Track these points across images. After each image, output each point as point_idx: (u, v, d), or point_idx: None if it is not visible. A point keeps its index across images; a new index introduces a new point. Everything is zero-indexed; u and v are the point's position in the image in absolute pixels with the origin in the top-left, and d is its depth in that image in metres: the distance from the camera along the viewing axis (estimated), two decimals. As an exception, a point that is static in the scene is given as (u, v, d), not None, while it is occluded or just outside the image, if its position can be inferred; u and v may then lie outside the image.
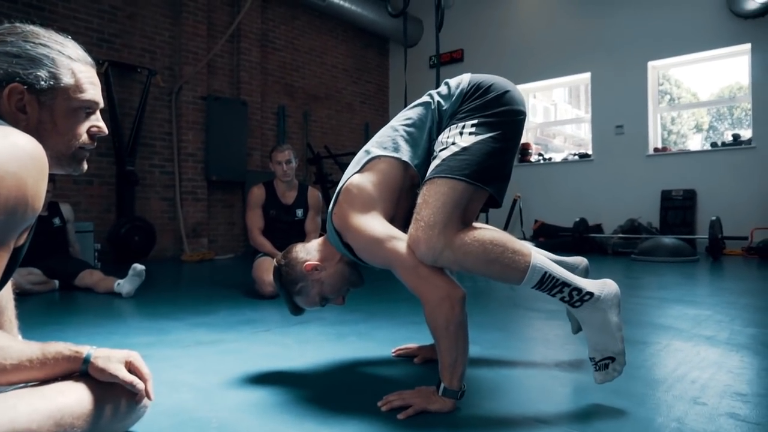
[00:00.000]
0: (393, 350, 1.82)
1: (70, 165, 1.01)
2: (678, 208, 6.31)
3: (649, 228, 6.26)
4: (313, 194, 3.53)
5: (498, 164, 1.34)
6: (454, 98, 1.43)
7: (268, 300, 3.02)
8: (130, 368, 1.05)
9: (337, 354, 1.84)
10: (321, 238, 1.56)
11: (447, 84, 1.48)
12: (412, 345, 1.82)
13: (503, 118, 1.36)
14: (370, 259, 1.38)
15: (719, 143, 6.43)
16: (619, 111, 6.84)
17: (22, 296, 3.04)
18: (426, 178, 1.33)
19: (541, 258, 1.27)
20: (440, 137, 1.39)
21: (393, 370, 1.66)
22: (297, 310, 1.57)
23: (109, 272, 3.52)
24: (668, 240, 5.45)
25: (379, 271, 1.53)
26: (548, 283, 1.25)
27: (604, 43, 6.91)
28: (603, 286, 1.30)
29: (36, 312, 2.75)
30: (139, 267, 3.15)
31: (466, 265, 1.26)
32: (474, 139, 1.32)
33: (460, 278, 3.56)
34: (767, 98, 5.88)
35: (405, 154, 1.42)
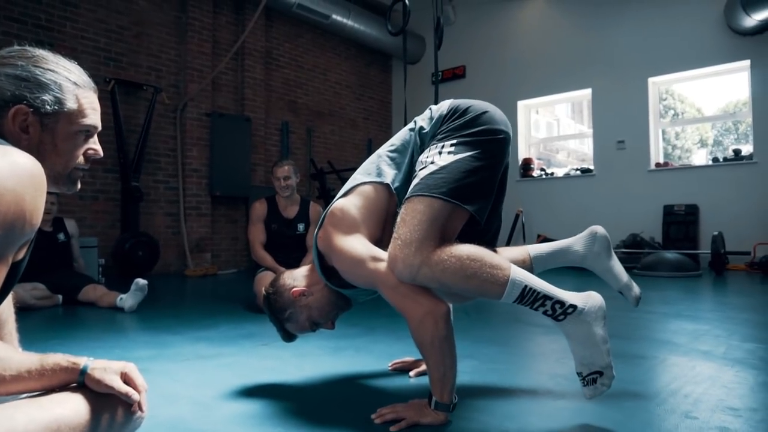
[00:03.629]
0: (389, 364, 1.84)
1: (65, 184, 1.04)
2: (680, 222, 6.30)
3: (651, 243, 6.25)
4: (315, 209, 3.56)
5: (476, 182, 1.34)
6: (434, 121, 1.47)
7: (269, 314, 3.03)
8: (126, 379, 1.07)
9: (333, 367, 1.85)
10: (309, 265, 1.58)
11: (430, 109, 1.52)
12: (409, 358, 1.83)
13: (482, 137, 1.38)
14: (354, 279, 1.40)
15: (721, 158, 6.45)
16: (620, 126, 6.87)
17: (25, 311, 3.08)
18: (405, 198, 1.36)
19: (522, 272, 1.27)
20: (420, 157, 1.42)
21: (388, 384, 1.68)
22: (289, 337, 1.59)
23: (113, 287, 3.55)
24: (671, 255, 5.44)
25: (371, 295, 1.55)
26: (529, 297, 1.25)
27: (605, 59, 6.98)
28: (587, 299, 1.29)
29: (39, 326, 2.78)
30: (141, 282, 3.19)
31: (444, 281, 1.26)
32: (452, 158, 1.34)
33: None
34: (767, 113, 5.90)
35: (387, 177, 1.46)
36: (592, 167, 7.23)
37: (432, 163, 1.36)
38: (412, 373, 1.74)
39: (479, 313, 3.22)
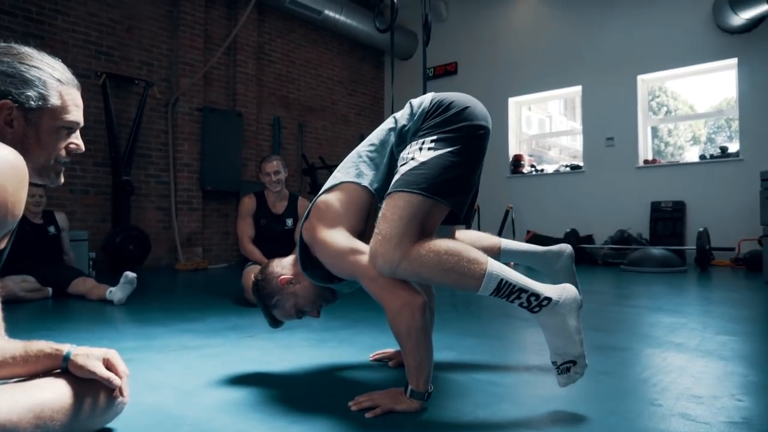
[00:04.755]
0: (371, 355, 1.88)
1: (48, 176, 1.08)
2: (667, 219, 6.38)
3: (638, 239, 6.33)
4: (303, 204, 3.60)
5: (456, 178, 1.38)
6: (416, 117, 1.50)
7: (257, 307, 3.07)
8: (108, 365, 1.12)
9: (316, 358, 1.90)
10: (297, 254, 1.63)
11: (410, 104, 1.55)
12: (389, 350, 1.88)
13: (463, 133, 1.42)
14: (336, 270, 1.45)
15: (708, 156, 6.53)
16: (609, 123, 6.94)
17: (14, 303, 3.11)
18: (386, 193, 1.40)
19: (498, 265, 1.31)
20: (402, 153, 1.46)
21: (368, 374, 1.72)
22: (275, 323, 1.65)
23: (103, 280, 3.58)
24: (657, 251, 5.52)
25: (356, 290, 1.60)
26: (505, 290, 1.29)
27: (595, 56, 7.03)
28: (562, 291, 1.33)
29: (28, 318, 2.81)
30: (130, 275, 3.22)
31: (423, 275, 1.31)
32: (432, 154, 1.38)
33: (449, 289, 3.63)
34: (753, 111, 5.99)
35: (366, 179, 1.50)
36: (581, 164, 7.29)
37: (412, 159, 1.39)
38: (391, 363, 1.79)
39: (467, 306, 3.28)
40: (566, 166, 7.59)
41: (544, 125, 14.64)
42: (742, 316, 2.82)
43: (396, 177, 1.40)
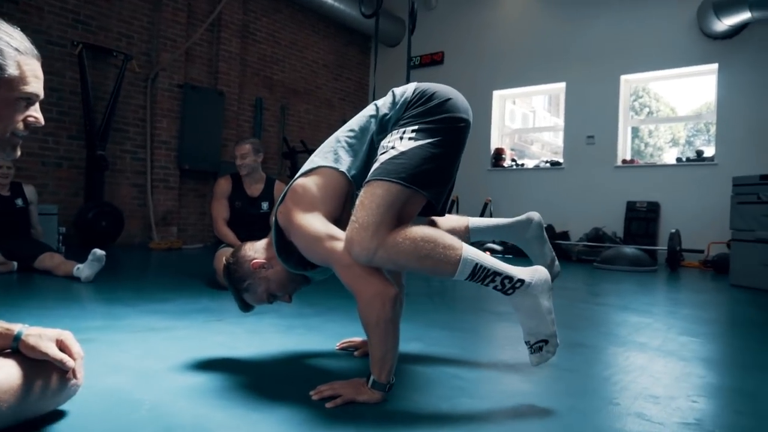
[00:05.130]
0: (337, 344, 1.88)
1: (3, 149, 1.04)
2: (642, 219, 6.49)
3: (613, 237, 6.43)
4: (280, 188, 3.56)
5: (435, 169, 1.39)
6: (398, 106, 1.49)
7: (228, 290, 3.04)
8: (62, 347, 1.09)
9: (283, 345, 1.89)
10: (270, 238, 1.61)
11: (393, 93, 1.54)
12: (357, 339, 1.88)
13: (444, 124, 1.42)
14: (310, 255, 1.43)
15: (684, 158, 6.63)
16: (591, 121, 7.00)
17: (-23, 276, 3.03)
18: (365, 181, 1.39)
19: (473, 251, 1.32)
20: (382, 142, 1.45)
21: (333, 362, 1.72)
22: (246, 307, 1.63)
23: (73, 257, 3.51)
24: (629, 250, 5.61)
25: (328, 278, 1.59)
26: (480, 274, 1.31)
27: (580, 54, 7.07)
28: (534, 273, 1.36)
29: (-10, 292, 2.74)
30: (99, 252, 3.15)
31: (400, 262, 1.31)
32: (412, 144, 1.38)
33: (425, 278, 3.61)
34: (730, 117, 6.09)
35: (344, 164, 1.48)
36: (561, 160, 7.36)
37: (393, 148, 1.39)
38: (357, 353, 1.79)
39: (442, 296, 3.29)
40: (546, 161, 7.65)
41: (527, 120, 14.72)
42: (706, 318, 2.89)
43: (375, 165, 1.39)
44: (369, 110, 1.56)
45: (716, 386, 1.64)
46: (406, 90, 1.51)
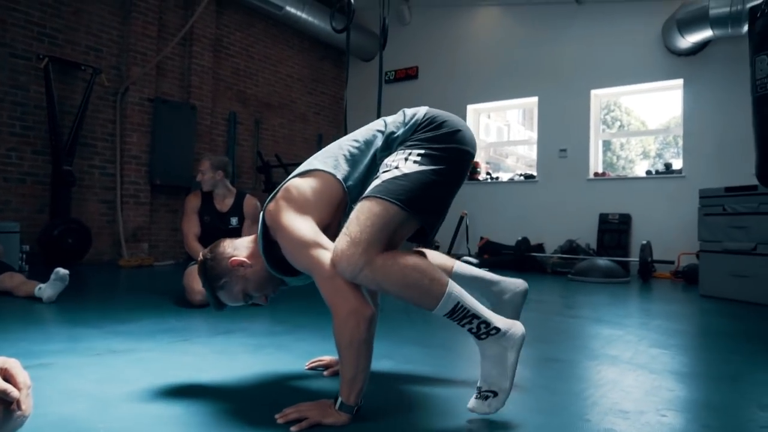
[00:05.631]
0: (307, 363, 1.83)
1: None
2: (614, 231, 6.59)
3: (586, 249, 6.51)
4: (250, 203, 3.52)
5: (433, 197, 1.38)
6: (407, 126, 1.47)
7: (197, 309, 2.97)
8: (6, 376, 1.03)
9: (251, 366, 1.83)
10: (252, 236, 1.56)
11: (404, 112, 1.53)
12: (326, 357, 1.83)
13: (449, 154, 1.41)
14: (293, 260, 1.39)
15: (654, 171, 6.78)
16: (563, 135, 7.11)
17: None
18: (363, 196, 1.36)
19: (459, 290, 1.31)
20: (386, 159, 1.43)
21: (301, 383, 1.67)
22: (219, 305, 1.57)
23: (37, 276, 3.38)
24: (602, 262, 5.68)
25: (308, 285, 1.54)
26: (459, 313, 1.29)
27: (552, 69, 7.20)
28: (511, 326, 1.34)
29: (-56, 315, 2.61)
30: (62, 271, 3.04)
31: (383, 286, 1.29)
32: (416, 168, 1.36)
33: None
34: (696, 131, 6.25)
35: (341, 172, 1.45)
36: (535, 174, 7.44)
37: (396, 168, 1.37)
38: (326, 372, 1.74)
39: (419, 313, 3.26)
40: (521, 175, 7.73)
41: (502, 133, 14.91)
42: (676, 329, 2.92)
43: (376, 182, 1.37)
44: (377, 125, 1.54)
45: (685, 400, 1.65)
46: (417, 112, 1.50)
